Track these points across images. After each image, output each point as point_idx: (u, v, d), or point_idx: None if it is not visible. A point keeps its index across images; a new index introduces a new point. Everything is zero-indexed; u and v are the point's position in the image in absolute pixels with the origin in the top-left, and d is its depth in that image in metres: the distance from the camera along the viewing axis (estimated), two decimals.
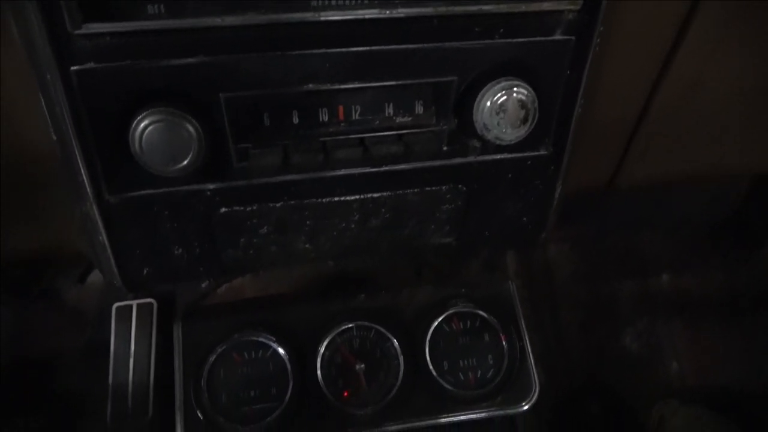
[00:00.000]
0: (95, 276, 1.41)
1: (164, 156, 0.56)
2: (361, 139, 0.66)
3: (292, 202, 0.72)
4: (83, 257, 0.80)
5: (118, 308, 1.03)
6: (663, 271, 1.97)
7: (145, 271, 0.73)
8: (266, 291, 1.25)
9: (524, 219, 0.83)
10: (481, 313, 0.95)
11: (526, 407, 0.92)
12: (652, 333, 1.91)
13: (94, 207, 0.63)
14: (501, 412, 0.92)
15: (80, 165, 0.59)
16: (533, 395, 0.93)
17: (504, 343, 0.94)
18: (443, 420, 0.91)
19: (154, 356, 1.00)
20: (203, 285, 1.39)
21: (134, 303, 1.04)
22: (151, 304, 1.04)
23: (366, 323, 0.94)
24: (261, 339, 0.91)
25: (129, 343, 1.02)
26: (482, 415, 0.92)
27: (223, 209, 0.69)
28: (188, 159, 0.56)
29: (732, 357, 1.90)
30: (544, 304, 1.90)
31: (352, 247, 0.81)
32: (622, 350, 1.89)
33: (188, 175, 0.57)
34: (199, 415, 0.87)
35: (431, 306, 0.96)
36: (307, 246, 0.79)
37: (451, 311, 0.95)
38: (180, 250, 0.71)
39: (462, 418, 0.91)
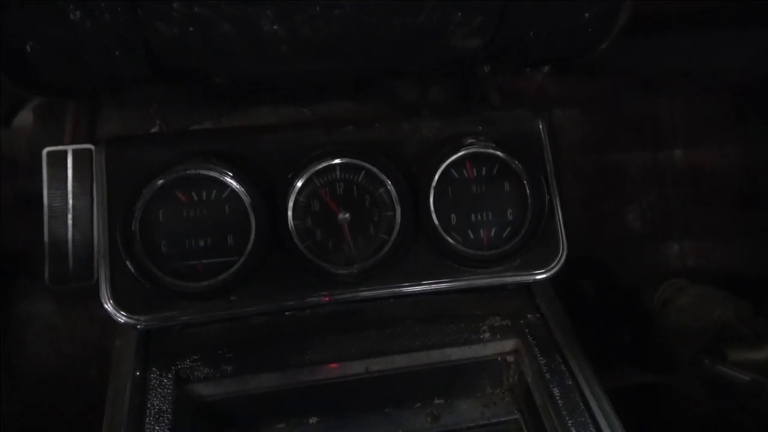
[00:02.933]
0: (24, 118, 1.16)
1: None
2: None
3: None
4: None
5: (49, 154, 0.84)
6: (677, 143, 1.78)
7: (28, 51, 0.47)
8: None
9: (587, 13, 0.59)
10: (502, 155, 0.73)
11: (547, 274, 0.74)
12: (657, 210, 1.76)
13: None
14: (519, 278, 0.73)
15: None
16: (559, 260, 0.74)
17: (528, 193, 0.73)
18: (446, 285, 0.71)
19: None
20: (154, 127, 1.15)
21: (69, 148, 0.85)
22: (89, 150, 0.84)
23: (354, 161, 0.71)
24: (213, 174, 0.68)
25: (66, 197, 0.86)
26: (495, 280, 0.73)
27: None
28: None
29: (742, 238, 1.78)
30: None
31: (344, 37, 0.56)
32: (623, 228, 1.74)
33: None
34: (129, 266, 0.65)
35: (439, 144, 0.74)
36: (275, 28, 0.54)
37: (464, 152, 0.73)
38: (87, 20, 0.45)
39: (470, 282, 0.72)
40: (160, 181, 0.67)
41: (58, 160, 0.89)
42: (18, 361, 1.21)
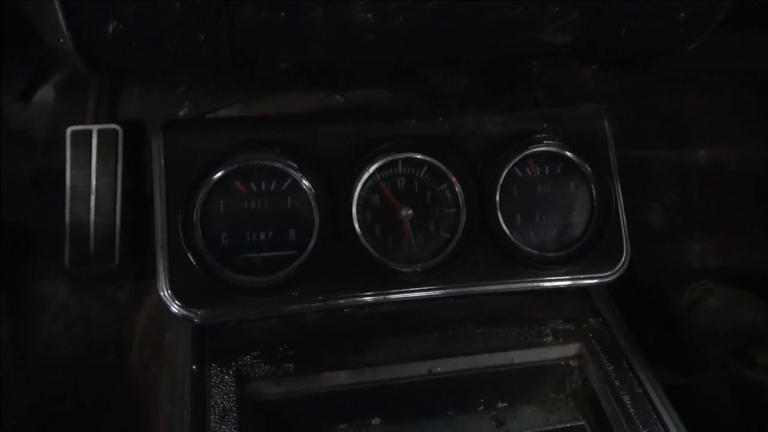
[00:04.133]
0: (44, 94, 1.12)
1: None
2: None
3: None
4: None
5: (74, 133, 0.83)
6: (702, 140, 1.77)
7: (109, 32, 0.44)
8: None
9: (682, 13, 0.57)
10: (569, 155, 0.71)
11: (611, 278, 0.72)
12: (679, 209, 1.75)
13: None
14: (583, 282, 0.72)
15: None
16: (623, 264, 0.73)
17: (594, 195, 0.72)
18: (509, 286, 0.70)
19: (120, 194, 0.84)
20: (183, 110, 1.12)
21: (94, 128, 0.85)
22: (115, 131, 0.85)
23: (417, 156, 0.69)
24: (278, 164, 0.65)
25: (89, 177, 0.85)
26: (559, 283, 0.71)
27: None
28: None
29: (760, 241, 1.77)
30: None
31: (435, 27, 0.53)
32: (645, 225, 1.73)
33: None
34: (191, 258, 0.62)
35: (505, 141, 0.72)
36: (368, 16, 0.51)
37: (531, 150, 0.71)
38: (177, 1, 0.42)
39: (535, 285, 0.71)
40: (222, 172, 0.64)
41: (81, 139, 0.87)
42: (31, 344, 1.18)
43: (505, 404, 0.67)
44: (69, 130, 0.83)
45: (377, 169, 0.69)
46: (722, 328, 1.31)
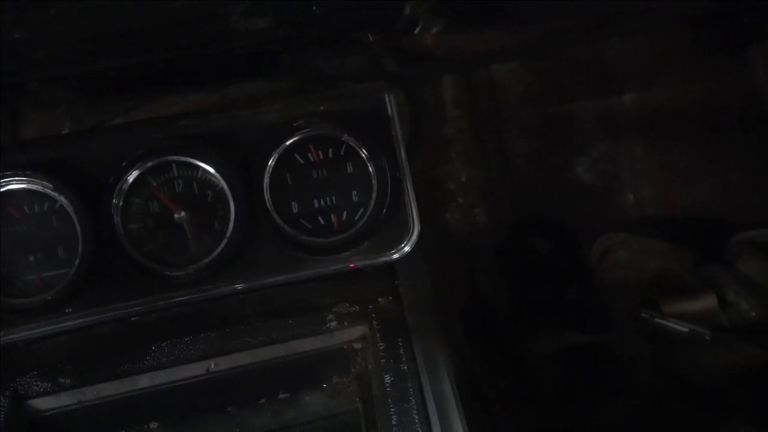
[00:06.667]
0: None
1: None
2: None
3: None
4: None
5: None
6: (630, 85, 1.69)
7: None
8: None
9: None
10: (339, 136, 0.70)
11: (398, 255, 0.71)
12: (608, 160, 1.69)
13: None
14: (369, 262, 0.71)
15: None
16: (410, 238, 0.71)
17: (372, 174, 0.70)
18: (287, 277, 0.70)
19: None
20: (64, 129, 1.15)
21: None
22: None
23: (186, 158, 0.69)
24: (34, 186, 0.66)
25: None
26: (342, 267, 0.70)
27: None
28: None
29: (699, 182, 1.70)
30: (489, 133, 1.65)
31: (124, 27, 0.54)
32: (574, 181, 1.68)
33: None
34: None
35: (275, 128, 0.71)
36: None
37: (298, 136, 0.70)
38: None
39: (316, 272, 0.70)
40: None
41: None
42: None
43: (287, 395, 0.67)
44: None
45: (149, 174, 0.69)
46: (631, 280, 1.27)
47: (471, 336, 1.47)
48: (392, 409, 0.59)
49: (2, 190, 0.66)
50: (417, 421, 0.58)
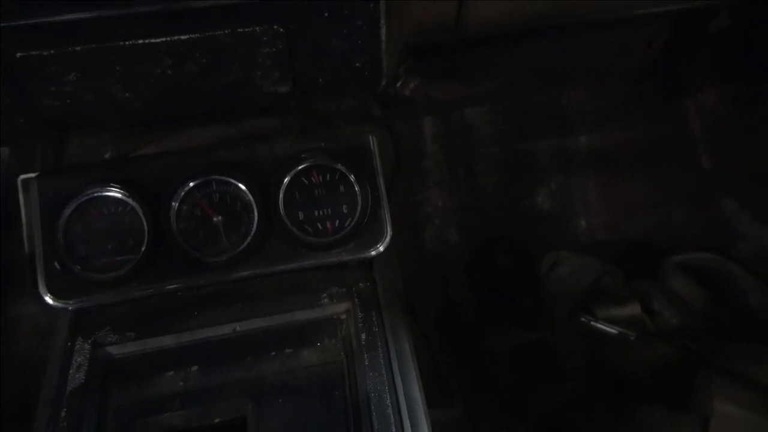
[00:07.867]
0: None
1: None
2: None
3: (93, 45, 0.70)
4: None
5: (23, 181, 1.02)
6: (582, 128, 1.98)
7: None
8: None
9: (357, 63, 0.82)
10: (335, 165, 0.97)
11: (375, 252, 0.97)
12: (564, 191, 1.96)
13: None
14: (354, 257, 0.97)
15: None
16: (384, 240, 0.97)
17: (357, 193, 0.97)
18: (294, 266, 0.96)
19: None
20: (107, 153, 1.39)
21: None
22: None
23: (221, 177, 0.95)
24: (114, 194, 0.93)
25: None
26: (334, 259, 0.96)
27: (19, 54, 0.68)
28: None
29: (641, 212, 1.97)
30: (461, 166, 1.92)
31: (176, 93, 0.81)
32: (534, 209, 1.95)
33: None
34: (57, 265, 0.90)
35: (286, 159, 0.98)
36: (126, 95, 0.79)
37: (304, 165, 0.96)
38: None
39: (315, 262, 0.96)
40: (76, 203, 0.92)
41: (30, 185, 1.13)
42: (11, 357, 1.46)
43: (291, 350, 0.93)
44: (19, 178, 1.00)
45: (195, 188, 0.95)
46: (570, 290, 1.54)
47: (442, 335, 1.73)
48: (365, 356, 0.85)
49: (92, 196, 0.92)
50: (383, 364, 0.84)
